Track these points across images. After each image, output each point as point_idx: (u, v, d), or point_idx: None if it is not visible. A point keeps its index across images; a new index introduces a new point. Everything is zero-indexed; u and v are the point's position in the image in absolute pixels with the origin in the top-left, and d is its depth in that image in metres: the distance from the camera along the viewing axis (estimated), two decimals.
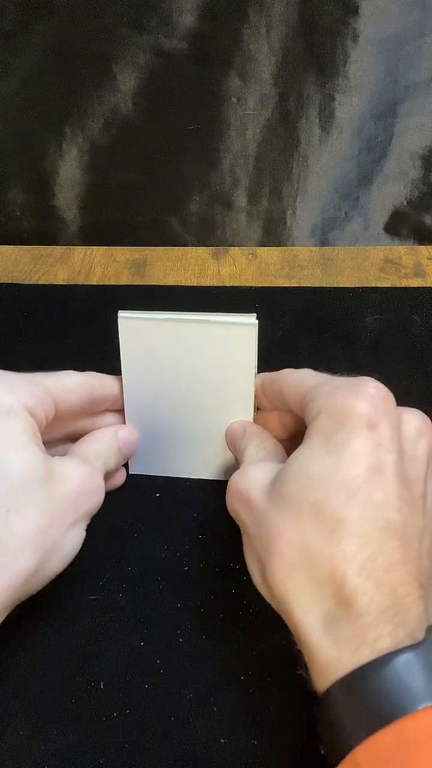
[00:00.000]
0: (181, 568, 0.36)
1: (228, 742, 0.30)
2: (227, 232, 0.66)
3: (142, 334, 0.36)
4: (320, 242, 0.67)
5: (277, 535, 0.27)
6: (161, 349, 0.36)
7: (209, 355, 0.36)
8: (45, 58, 0.58)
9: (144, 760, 0.29)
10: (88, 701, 0.31)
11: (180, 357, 0.36)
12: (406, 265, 0.57)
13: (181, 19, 0.55)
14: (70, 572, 0.36)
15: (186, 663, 0.32)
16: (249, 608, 0.34)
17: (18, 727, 0.30)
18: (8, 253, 0.59)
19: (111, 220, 0.66)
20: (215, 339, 0.35)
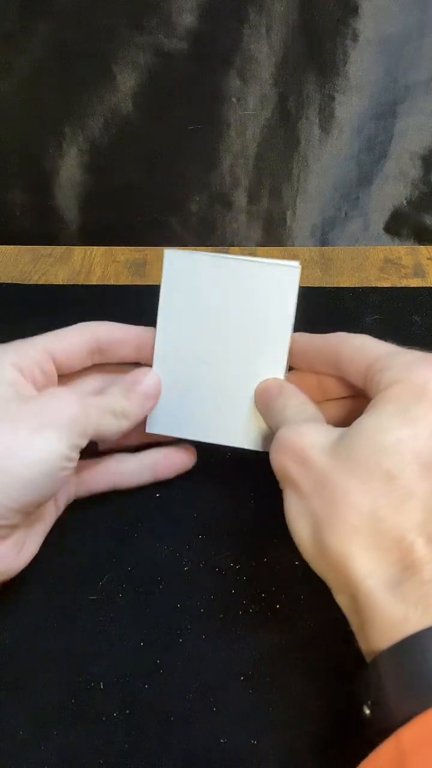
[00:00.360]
0: (181, 568, 0.36)
1: (228, 742, 0.30)
2: (227, 232, 0.66)
3: (186, 272, 0.36)
4: (320, 242, 0.67)
5: (343, 498, 0.27)
6: (202, 289, 0.36)
7: (249, 297, 0.36)
8: (45, 58, 0.58)
9: (144, 760, 0.29)
10: (88, 701, 0.31)
11: (219, 298, 0.36)
12: (406, 265, 0.57)
13: (181, 19, 0.55)
14: (70, 572, 0.36)
15: (186, 663, 0.32)
16: (249, 608, 0.34)
17: (18, 727, 0.30)
18: (8, 253, 0.59)
19: (111, 220, 0.66)
20: (257, 280, 0.35)
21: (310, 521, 0.28)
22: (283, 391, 0.35)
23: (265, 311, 0.36)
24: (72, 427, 0.32)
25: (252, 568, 0.36)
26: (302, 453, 0.29)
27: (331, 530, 0.27)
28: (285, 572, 0.35)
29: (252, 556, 0.36)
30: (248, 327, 0.36)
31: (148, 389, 0.36)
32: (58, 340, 0.36)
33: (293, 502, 0.29)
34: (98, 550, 0.37)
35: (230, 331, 0.36)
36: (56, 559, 0.36)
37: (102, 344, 0.36)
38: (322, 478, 0.28)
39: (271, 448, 0.31)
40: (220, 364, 0.37)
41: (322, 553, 0.27)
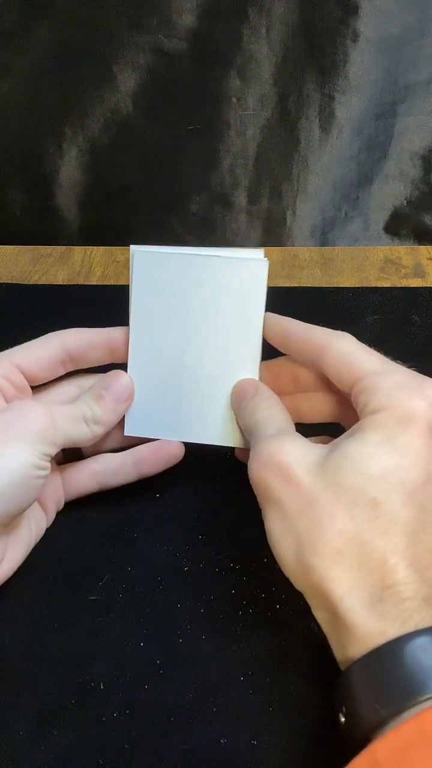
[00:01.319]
0: (181, 568, 0.36)
1: (228, 742, 0.30)
2: (227, 232, 0.66)
3: (156, 270, 0.36)
4: (320, 242, 0.67)
5: (329, 522, 0.28)
6: (172, 287, 0.36)
7: (219, 293, 0.36)
8: (45, 58, 0.58)
9: (144, 760, 0.29)
10: (88, 701, 0.31)
11: (190, 296, 0.36)
12: (406, 265, 0.57)
13: (181, 19, 0.55)
14: (70, 572, 0.36)
15: (186, 663, 0.32)
16: (249, 608, 0.34)
17: (18, 727, 0.30)
18: (8, 253, 0.59)
19: (111, 220, 0.66)
20: (226, 276, 0.36)
21: (293, 540, 0.29)
22: (258, 393, 0.35)
23: (235, 307, 0.36)
24: (39, 438, 0.32)
25: (252, 568, 0.36)
26: (286, 471, 0.29)
27: (314, 552, 0.28)
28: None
29: (252, 556, 0.36)
30: (220, 323, 0.36)
31: (119, 393, 0.36)
32: (24, 352, 0.36)
33: (276, 521, 0.29)
34: (98, 550, 0.37)
35: (202, 329, 0.36)
36: (56, 559, 0.36)
37: (71, 352, 0.36)
38: (307, 499, 0.28)
39: (251, 462, 0.31)
40: (195, 363, 0.37)
41: (304, 572, 0.28)
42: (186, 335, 0.36)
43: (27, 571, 0.35)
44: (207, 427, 0.37)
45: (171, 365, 0.37)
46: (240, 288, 0.36)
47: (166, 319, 0.36)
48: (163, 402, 0.37)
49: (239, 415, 0.36)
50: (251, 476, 0.31)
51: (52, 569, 0.36)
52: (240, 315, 0.36)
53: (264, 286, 0.36)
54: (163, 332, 0.37)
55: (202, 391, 0.37)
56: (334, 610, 0.27)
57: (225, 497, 0.39)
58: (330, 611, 0.27)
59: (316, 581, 0.27)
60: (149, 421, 0.37)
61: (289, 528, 0.29)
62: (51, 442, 0.33)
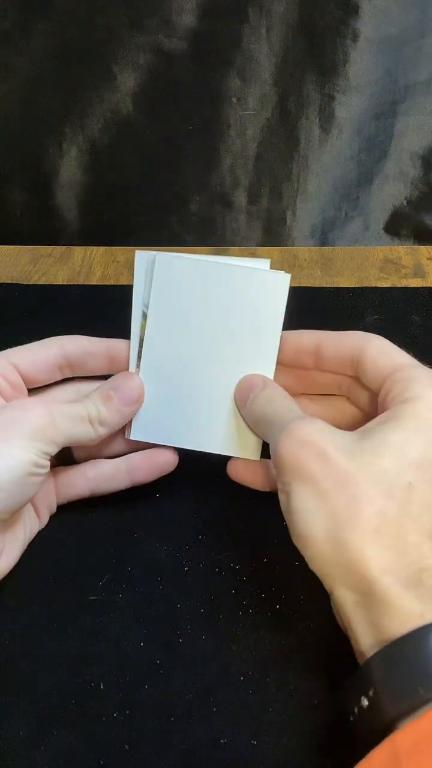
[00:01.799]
0: (181, 568, 0.36)
1: (228, 742, 0.30)
2: (227, 232, 0.66)
3: (176, 275, 0.36)
4: (320, 242, 0.67)
5: (367, 501, 0.28)
6: (192, 293, 0.36)
7: (239, 304, 0.36)
8: (45, 58, 0.58)
9: (144, 760, 0.29)
10: (88, 701, 0.31)
11: (208, 304, 0.36)
12: (406, 265, 0.57)
13: (181, 19, 0.55)
14: (70, 572, 0.36)
15: (186, 663, 0.32)
16: (249, 608, 0.34)
17: (18, 728, 0.30)
18: (8, 253, 0.59)
19: (111, 220, 0.66)
20: (248, 286, 0.36)
21: (326, 518, 0.28)
22: (268, 385, 0.35)
23: (253, 318, 0.36)
24: (38, 436, 0.32)
25: (252, 568, 0.36)
26: (322, 450, 0.29)
27: (352, 529, 0.28)
28: (285, 572, 0.35)
29: (252, 556, 0.36)
30: (236, 334, 0.36)
31: (128, 395, 0.36)
32: (23, 353, 0.36)
33: (307, 498, 0.29)
34: (98, 550, 0.37)
35: (218, 338, 0.36)
36: (56, 559, 0.36)
37: (70, 358, 0.36)
38: (345, 478, 0.28)
39: (281, 441, 0.30)
40: (207, 371, 0.36)
41: (338, 549, 0.28)
42: (200, 343, 0.36)
43: (27, 572, 0.35)
44: (214, 437, 0.37)
45: (183, 372, 0.37)
46: (260, 300, 0.36)
47: (182, 325, 0.36)
48: (172, 408, 0.37)
49: (247, 406, 0.35)
50: (280, 454, 0.30)
51: (52, 569, 0.36)
52: (257, 327, 0.36)
53: (284, 301, 0.36)
54: (178, 338, 0.36)
55: (213, 401, 0.37)
56: (370, 589, 0.27)
57: (225, 497, 0.39)
58: (363, 591, 0.27)
59: (352, 558, 0.27)
60: (156, 426, 0.37)
61: (324, 505, 0.28)
62: (51, 440, 0.33)
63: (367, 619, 0.27)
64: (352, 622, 0.28)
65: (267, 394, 0.35)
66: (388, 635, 0.26)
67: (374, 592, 0.27)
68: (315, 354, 0.36)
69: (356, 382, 0.36)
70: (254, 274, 0.36)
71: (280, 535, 0.37)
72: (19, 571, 0.35)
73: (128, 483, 0.38)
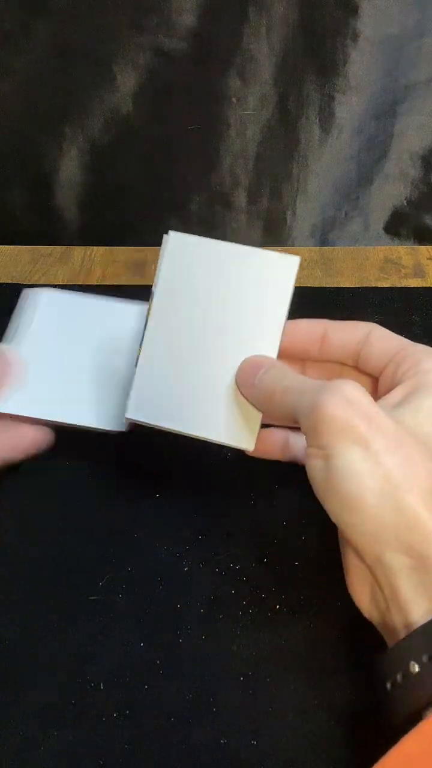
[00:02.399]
0: (181, 568, 0.36)
1: (228, 742, 0.30)
2: (227, 232, 0.66)
3: (187, 254, 0.36)
4: (320, 242, 0.67)
5: (422, 463, 0.28)
6: (201, 274, 0.36)
7: (246, 285, 0.36)
8: (45, 58, 0.58)
9: (144, 760, 0.29)
10: (88, 701, 0.31)
11: (217, 285, 0.36)
12: (406, 265, 0.57)
13: (181, 19, 0.55)
14: (70, 572, 0.36)
15: (186, 663, 0.32)
16: (249, 608, 0.34)
17: (18, 728, 0.30)
18: (8, 253, 0.59)
19: (111, 220, 0.66)
20: (257, 268, 0.36)
21: (379, 479, 0.28)
22: (276, 364, 0.34)
23: (260, 302, 0.36)
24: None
25: (252, 568, 0.36)
26: (369, 409, 0.29)
27: (409, 489, 0.27)
28: (285, 572, 0.35)
29: (252, 556, 0.36)
30: (242, 316, 0.36)
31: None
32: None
33: (358, 460, 0.28)
34: (98, 550, 0.37)
35: (223, 320, 0.36)
36: (56, 559, 0.36)
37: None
38: (396, 439, 0.28)
39: (326, 397, 0.29)
40: (209, 353, 0.36)
41: (394, 511, 0.27)
42: (204, 324, 0.36)
43: (27, 572, 0.35)
44: (212, 423, 0.36)
45: (185, 353, 0.36)
46: (267, 282, 0.36)
47: (188, 305, 0.36)
48: (172, 390, 0.36)
49: (256, 383, 0.34)
50: (326, 411, 0.29)
51: (52, 569, 0.36)
52: (263, 310, 0.36)
53: (291, 284, 0.36)
54: (183, 318, 0.36)
55: (213, 385, 0.36)
56: (428, 554, 0.27)
57: (225, 497, 0.39)
58: (420, 553, 0.27)
59: (410, 520, 0.27)
60: (154, 406, 0.36)
61: (376, 466, 0.28)
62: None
63: (423, 583, 0.27)
64: (402, 589, 0.27)
65: (278, 370, 0.34)
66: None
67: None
68: (322, 341, 0.36)
69: (349, 373, 0.36)
70: (263, 255, 0.36)
71: (280, 535, 0.37)
72: (19, 571, 0.35)
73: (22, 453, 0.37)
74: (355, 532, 0.28)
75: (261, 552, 0.36)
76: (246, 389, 0.35)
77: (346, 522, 0.28)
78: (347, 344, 0.36)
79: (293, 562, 0.36)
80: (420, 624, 0.26)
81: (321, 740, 0.30)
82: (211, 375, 0.36)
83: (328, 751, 0.29)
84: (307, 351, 0.37)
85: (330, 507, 0.29)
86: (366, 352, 0.35)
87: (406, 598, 0.27)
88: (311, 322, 0.37)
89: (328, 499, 0.29)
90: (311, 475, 0.29)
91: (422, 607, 0.27)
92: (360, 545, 0.28)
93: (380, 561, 0.28)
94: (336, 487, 0.28)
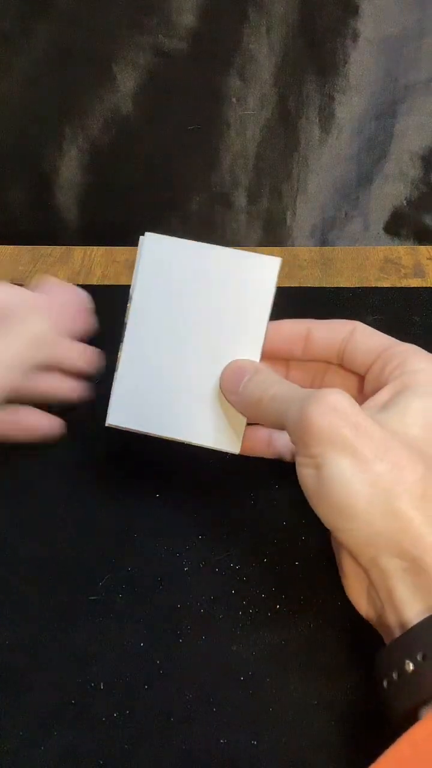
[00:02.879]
0: (181, 568, 0.36)
1: (228, 742, 0.30)
2: (227, 232, 0.66)
3: (164, 255, 0.36)
4: (320, 242, 0.67)
5: (411, 468, 0.28)
6: (180, 276, 0.35)
7: (227, 288, 0.35)
8: (45, 58, 0.58)
9: (144, 760, 0.29)
10: (88, 701, 0.31)
11: (197, 287, 0.35)
12: (406, 265, 0.57)
13: (181, 19, 0.55)
14: (70, 572, 0.36)
15: (186, 663, 0.32)
16: (249, 608, 0.34)
17: (18, 728, 0.30)
18: (8, 253, 0.59)
19: (111, 220, 0.66)
20: (237, 270, 0.35)
21: (369, 486, 0.28)
22: (261, 370, 0.35)
23: (241, 303, 0.35)
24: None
25: (252, 568, 0.36)
26: (355, 417, 0.29)
27: (398, 496, 0.28)
28: (285, 572, 0.35)
29: (252, 556, 0.36)
30: (223, 319, 0.35)
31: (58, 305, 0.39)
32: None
33: (348, 467, 0.28)
34: (98, 550, 0.37)
35: (204, 322, 0.35)
36: (56, 559, 0.36)
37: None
38: (383, 445, 0.28)
39: (312, 408, 0.29)
40: (191, 357, 0.35)
41: (385, 517, 0.28)
42: (185, 327, 0.35)
43: (27, 572, 0.35)
44: (195, 427, 0.36)
45: (165, 357, 0.36)
46: (248, 285, 0.35)
47: (167, 308, 0.36)
48: (153, 394, 0.36)
49: (240, 391, 0.34)
50: (313, 422, 0.29)
51: (52, 569, 0.36)
52: (244, 313, 0.35)
53: (273, 285, 0.35)
54: (162, 321, 0.36)
55: (196, 389, 0.36)
56: (421, 557, 0.27)
57: (225, 497, 0.39)
58: (413, 557, 0.27)
59: (402, 525, 0.27)
60: (135, 412, 0.36)
61: (366, 473, 0.28)
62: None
63: (417, 584, 0.27)
64: (396, 591, 0.28)
65: (263, 376, 0.34)
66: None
67: (427, 558, 0.27)
68: (306, 340, 0.36)
69: (334, 371, 0.36)
70: (243, 257, 0.35)
71: (280, 535, 0.37)
72: (19, 571, 0.35)
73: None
74: (349, 537, 0.29)
75: (261, 552, 0.36)
76: (230, 396, 0.35)
77: (339, 528, 0.29)
78: (331, 343, 0.36)
79: (293, 562, 0.36)
80: (414, 623, 0.27)
81: (321, 740, 0.30)
82: (194, 378, 0.36)
83: (328, 751, 0.29)
84: (290, 351, 0.37)
85: (323, 514, 0.29)
86: (351, 349, 0.35)
87: (400, 599, 0.28)
88: (294, 323, 0.37)
89: (321, 506, 0.29)
90: (303, 483, 0.30)
91: (416, 607, 0.27)
92: (354, 549, 0.29)
93: (375, 564, 0.28)
94: (327, 494, 0.29)
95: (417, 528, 0.27)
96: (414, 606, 0.27)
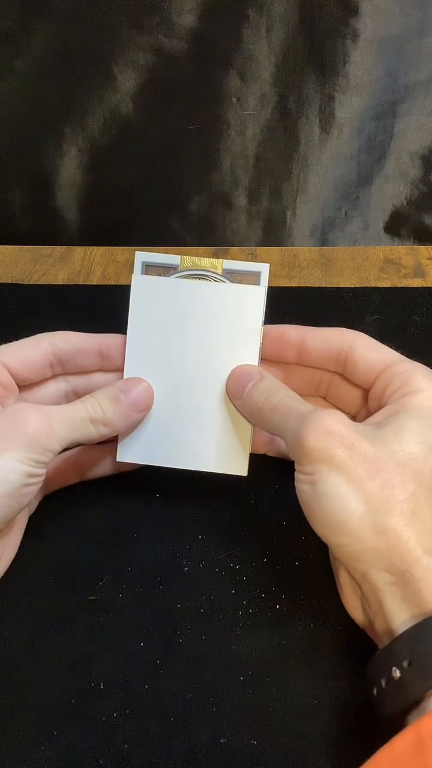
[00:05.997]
0: (181, 568, 0.36)
1: (228, 742, 0.30)
2: (227, 232, 0.66)
3: (153, 295, 0.36)
4: (320, 242, 0.67)
5: (401, 484, 0.29)
6: (171, 313, 0.36)
7: (216, 319, 0.36)
8: (45, 58, 0.58)
9: (144, 760, 0.29)
10: (88, 701, 0.31)
11: (188, 323, 0.36)
12: (406, 265, 0.57)
13: (181, 19, 0.55)
14: (71, 572, 0.36)
15: (186, 663, 0.32)
16: (249, 608, 0.34)
17: (18, 728, 0.30)
18: (8, 253, 0.59)
19: (111, 220, 0.66)
20: (222, 301, 0.36)
21: (362, 503, 0.29)
22: (266, 377, 0.35)
23: (232, 334, 0.36)
24: (34, 446, 0.32)
25: (252, 568, 0.36)
26: (349, 438, 0.30)
27: (389, 512, 0.28)
28: (285, 572, 0.35)
29: (252, 556, 0.36)
30: (216, 350, 0.36)
31: (137, 400, 0.36)
32: (13, 351, 0.36)
33: (341, 486, 0.29)
34: (98, 550, 0.37)
35: (198, 354, 0.37)
36: (57, 559, 0.36)
37: (60, 355, 0.36)
38: (375, 464, 0.29)
39: (306, 430, 0.30)
40: (190, 388, 0.37)
41: (375, 533, 0.29)
42: (182, 362, 0.37)
43: (27, 572, 0.35)
44: (202, 454, 0.37)
45: (165, 391, 0.37)
46: (237, 315, 0.36)
47: (162, 345, 0.37)
48: (158, 427, 0.37)
49: (245, 396, 0.35)
50: (308, 444, 0.30)
51: (52, 569, 0.36)
52: (236, 342, 0.36)
53: (260, 314, 0.36)
54: (159, 358, 0.37)
55: (197, 418, 0.37)
56: (409, 570, 0.28)
57: (225, 497, 0.39)
58: (401, 571, 0.28)
59: (391, 541, 0.28)
60: (143, 446, 0.37)
61: (358, 491, 0.29)
62: (46, 449, 0.32)
63: (404, 596, 0.28)
64: (385, 602, 0.28)
65: (267, 385, 0.35)
66: (428, 609, 0.27)
67: (415, 571, 0.28)
68: (299, 348, 0.37)
69: (339, 380, 0.37)
70: (228, 289, 0.36)
71: (280, 535, 0.37)
72: (19, 571, 0.35)
73: (113, 470, 0.39)
74: (342, 552, 0.30)
75: (261, 552, 0.36)
76: (234, 401, 0.36)
77: (333, 542, 0.30)
78: (328, 354, 0.36)
79: (293, 562, 0.36)
80: (404, 631, 0.27)
81: (321, 740, 0.30)
82: (195, 407, 0.37)
83: (328, 751, 0.29)
84: (284, 357, 0.37)
85: (318, 528, 0.30)
86: (351, 362, 0.35)
87: (389, 610, 0.28)
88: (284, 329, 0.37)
89: (316, 521, 0.30)
90: (300, 498, 0.31)
91: (403, 617, 0.28)
92: (346, 563, 0.30)
93: (366, 577, 0.29)
94: (322, 510, 0.30)
95: (405, 543, 0.28)
96: (401, 616, 0.28)
